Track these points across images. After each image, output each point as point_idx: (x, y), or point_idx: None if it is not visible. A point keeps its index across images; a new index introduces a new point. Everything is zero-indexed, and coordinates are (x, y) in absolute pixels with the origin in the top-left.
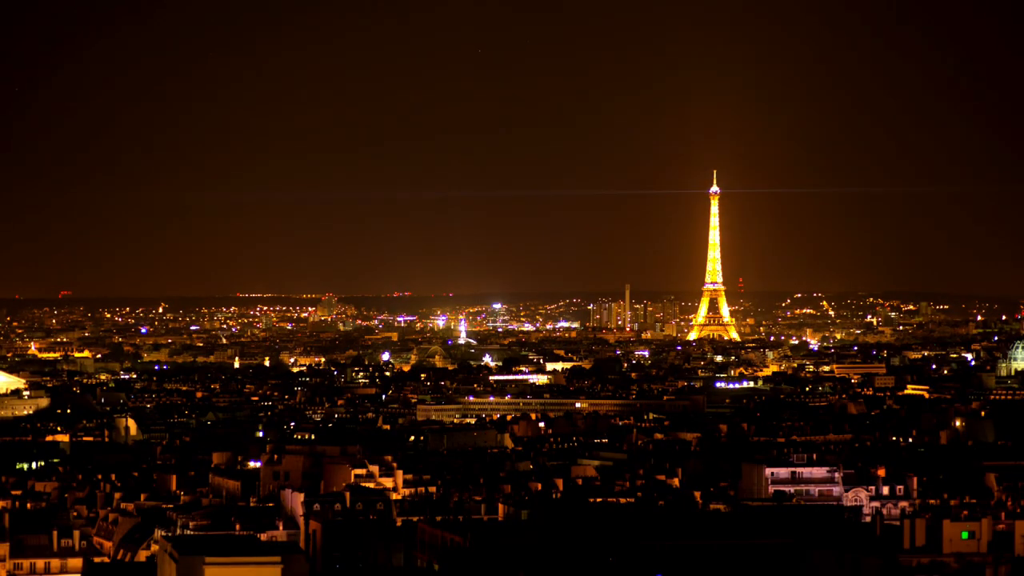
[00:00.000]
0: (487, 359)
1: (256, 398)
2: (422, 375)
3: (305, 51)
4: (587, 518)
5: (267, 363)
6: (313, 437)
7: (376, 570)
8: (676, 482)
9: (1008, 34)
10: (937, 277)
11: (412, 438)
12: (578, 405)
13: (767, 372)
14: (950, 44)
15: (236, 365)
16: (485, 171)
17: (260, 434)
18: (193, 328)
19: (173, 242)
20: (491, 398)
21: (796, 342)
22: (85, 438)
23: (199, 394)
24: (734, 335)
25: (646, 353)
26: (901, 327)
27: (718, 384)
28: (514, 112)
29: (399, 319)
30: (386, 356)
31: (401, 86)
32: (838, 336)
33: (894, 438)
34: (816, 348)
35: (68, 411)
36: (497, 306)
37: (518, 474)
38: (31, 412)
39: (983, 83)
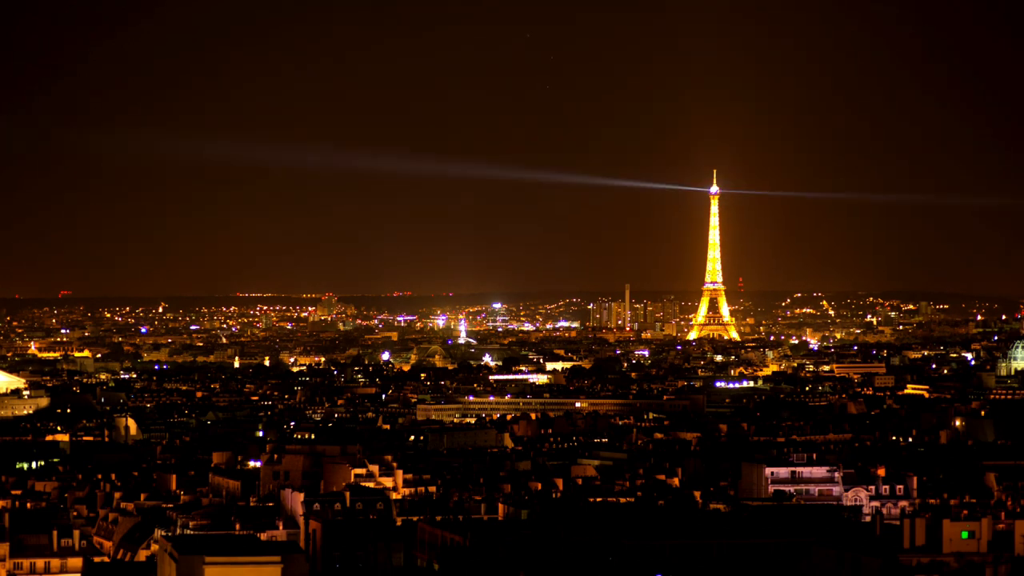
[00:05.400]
0: (487, 359)
1: (256, 398)
2: (422, 375)
3: (309, 56)
4: (587, 518)
5: (267, 363)
6: (313, 437)
7: (376, 570)
8: (676, 482)
9: (1006, 36)
10: (937, 277)
11: (412, 438)
12: (578, 405)
13: (767, 372)
14: (948, 48)
15: (236, 365)
16: (485, 171)
17: (260, 434)
18: (193, 328)
19: (173, 242)
20: (491, 398)
21: (796, 342)
22: (85, 438)
23: (199, 394)
24: (734, 335)
25: (646, 353)
26: (901, 327)
27: (718, 384)
28: (515, 113)
29: (399, 319)
30: (386, 356)
31: (402, 88)
32: (838, 336)
33: (894, 438)
34: (816, 348)
35: (68, 411)
36: (497, 306)
37: (518, 474)
38: (31, 412)
39: (982, 85)
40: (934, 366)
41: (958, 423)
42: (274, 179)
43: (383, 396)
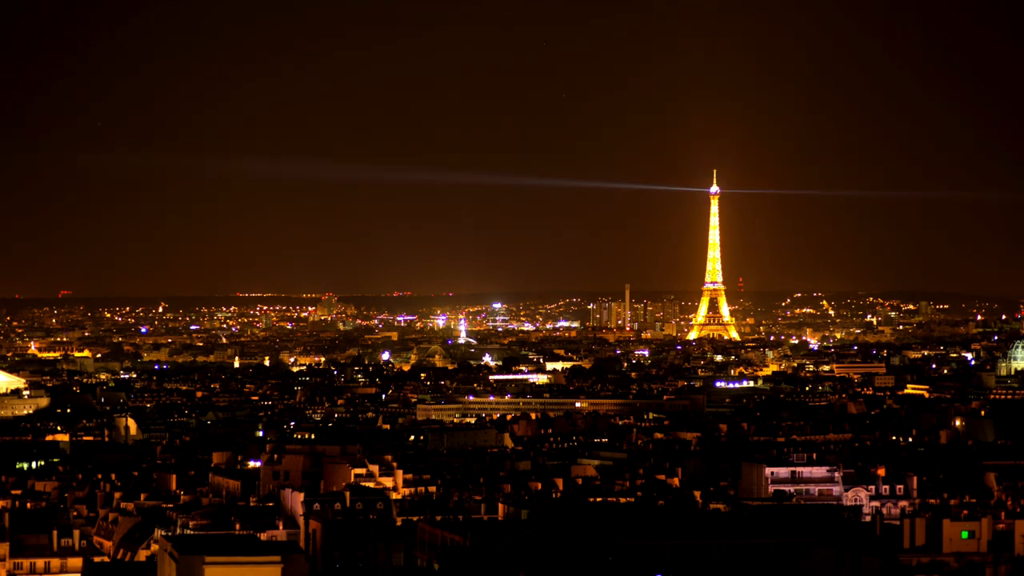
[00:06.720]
0: (487, 359)
1: (256, 398)
2: (422, 375)
3: (307, 56)
4: (587, 518)
5: (267, 363)
6: (313, 437)
7: (376, 570)
8: (676, 482)
9: (1006, 34)
10: (937, 277)
11: (412, 438)
12: (578, 405)
13: (767, 372)
14: (948, 48)
15: (236, 365)
16: (485, 171)
17: (260, 434)
18: (193, 328)
19: (173, 242)
20: (491, 398)
21: (796, 342)
22: (85, 438)
23: (199, 394)
24: (734, 335)
25: (646, 353)
26: (901, 327)
27: (718, 384)
28: (515, 113)
29: (399, 319)
30: (386, 356)
31: (402, 89)
32: (838, 336)
33: (894, 438)
34: (816, 348)
35: (68, 411)
36: (497, 306)
37: (518, 474)
38: (31, 412)
39: (982, 84)
40: (934, 366)
41: (958, 423)
42: (274, 179)
43: (383, 396)
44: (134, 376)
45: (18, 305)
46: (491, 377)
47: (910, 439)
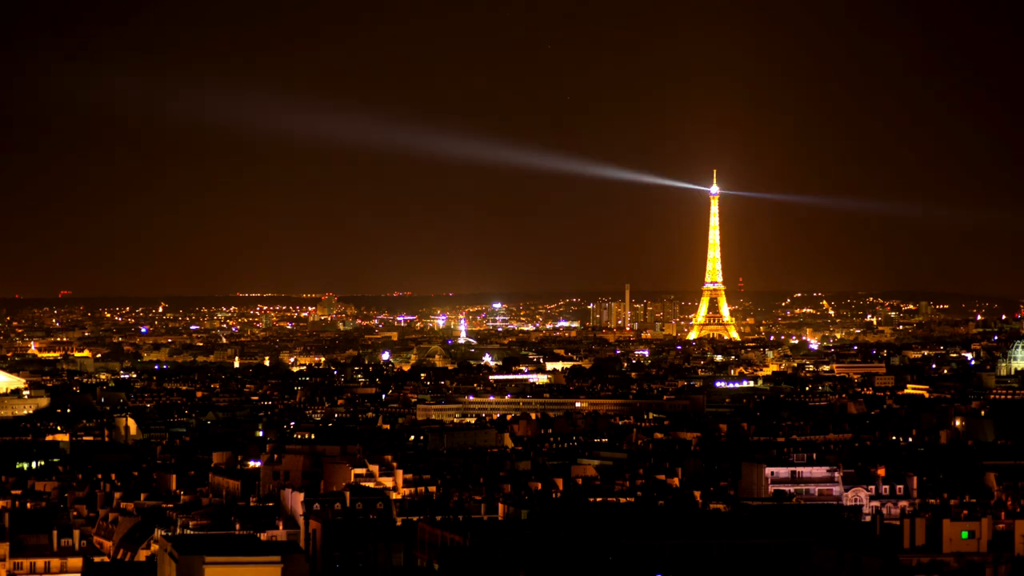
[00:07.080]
0: (487, 359)
1: (256, 398)
2: (422, 375)
3: (306, 52)
4: (587, 518)
5: (267, 363)
6: (313, 437)
7: (376, 570)
8: (676, 482)
9: (1006, 34)
10: (937, 277)
11: (412, 438)
12: (578, 405)
13: (767, 372)
14: (949, 48)
15: (236, 365)
16: (485, 171)
17: (260, 434)
18: (193, 328)
19: (173, 242)
20: (491, 398)
21: (796, 342)
22: (85, 438)
23: (199, 394)
24: (734, 335)
25: (646, 353)
26: (901, 327)
27: (718, 384)
28: (514, 113)
29: (399, 319)
30: (386, 356)
31: (402, 86)
32: (838, 336)
33: (894, 438)
34: (816, 348)
35: (68, 411)
36: (497, 306)
37: (518, 474)
38: (31, 412)
39: (983, 85)
40: (934, 366)
41: (958, 423)
42: (274, 179)
43: (383, 396)
44: (134, 376)
45: (18, 305)
46: (491, 377)
47: (910, 439)
